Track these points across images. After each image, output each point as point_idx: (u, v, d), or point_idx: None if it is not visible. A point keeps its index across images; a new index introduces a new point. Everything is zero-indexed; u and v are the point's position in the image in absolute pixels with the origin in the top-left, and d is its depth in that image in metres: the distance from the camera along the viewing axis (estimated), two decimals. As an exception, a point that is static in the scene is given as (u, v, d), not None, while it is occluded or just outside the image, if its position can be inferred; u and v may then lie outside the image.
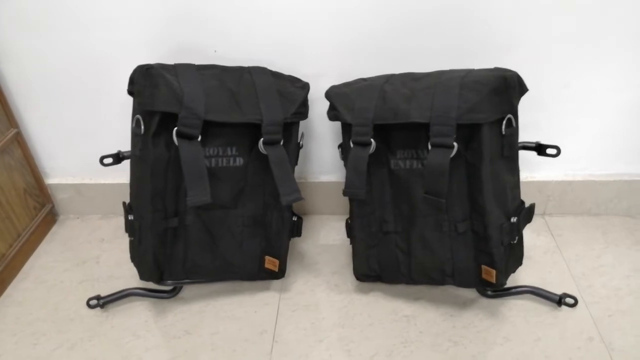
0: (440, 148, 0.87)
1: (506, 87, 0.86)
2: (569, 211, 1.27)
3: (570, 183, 1.21)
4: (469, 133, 0.89)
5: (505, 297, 1.04)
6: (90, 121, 1.20)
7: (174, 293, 1.08)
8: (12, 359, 0.97)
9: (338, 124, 1.08)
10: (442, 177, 0.86)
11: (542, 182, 1.22)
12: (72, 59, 1.10)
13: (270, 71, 1.02)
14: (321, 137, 1.20)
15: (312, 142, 1.20)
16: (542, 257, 1.15)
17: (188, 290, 1.10)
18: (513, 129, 0.91)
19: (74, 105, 1.17)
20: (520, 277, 1.08)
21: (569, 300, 1.01)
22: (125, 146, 1.01)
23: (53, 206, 1.33)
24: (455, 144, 0.86)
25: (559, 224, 1.25)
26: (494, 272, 0.93)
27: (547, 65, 1.06)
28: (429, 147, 0.88)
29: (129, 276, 1.12)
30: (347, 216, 1.06)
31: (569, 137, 1.15)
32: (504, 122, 0.89)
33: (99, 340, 1.00)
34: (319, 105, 1.10)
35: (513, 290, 1.04)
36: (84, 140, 1.23)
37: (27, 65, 1.11)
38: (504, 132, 0.90)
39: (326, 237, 1.25)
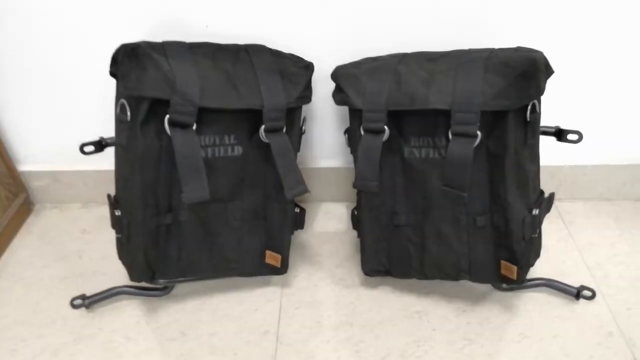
0: (462, 137, 0.80)
1: (536, 70, 0.78)
2: (579, 196, 1.22)
3: (583, 167, 1.16)
4: (492, 120, 0.82)
5: (520, 290, 0.99)
6: (67, 103, 1.09)
7: (166, 290, 1.00)
8: (-11, 368, 0.89)
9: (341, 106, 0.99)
10: (464, 169, 0.79)
11: (554, 167, 1.16)
12: (46, 34, 0.99)
13: (269, 49, 0.92)
14: (322, 121, 1.11)
15: (313, 126, 1.12)
16: (554, 246, 1.10)
17: (182, 287, 1.02)
18: (537, 114, 0.84)
19: (48, 86, 1.06)
20: (534, 267, 1.02)
21: (587, 293, 0.97)
22: (106, 131, 0.91)
23: (28, 195, 1.22)
24: (478, 132, 0.79)
25: (570, 210, 1.20)
26: (515, 268, 0.87)
27: (561, 46, 0.99)
28: (449, 135, 0.80)
29: (115, 272, 1.03)
30: (348, 202, 0.98)
31: (583, 120, 1.09)
32: (529, 107, 0.82)
33: (85, 345, 0.92)
34: (320, 86, 1.00)
35: (528, 283, 0.99)
36: (60, 123, 1.12)
37: (-8, 40, 1.00)
38: (528, 119, 0.83)
39: (327, 226, 1.17)
